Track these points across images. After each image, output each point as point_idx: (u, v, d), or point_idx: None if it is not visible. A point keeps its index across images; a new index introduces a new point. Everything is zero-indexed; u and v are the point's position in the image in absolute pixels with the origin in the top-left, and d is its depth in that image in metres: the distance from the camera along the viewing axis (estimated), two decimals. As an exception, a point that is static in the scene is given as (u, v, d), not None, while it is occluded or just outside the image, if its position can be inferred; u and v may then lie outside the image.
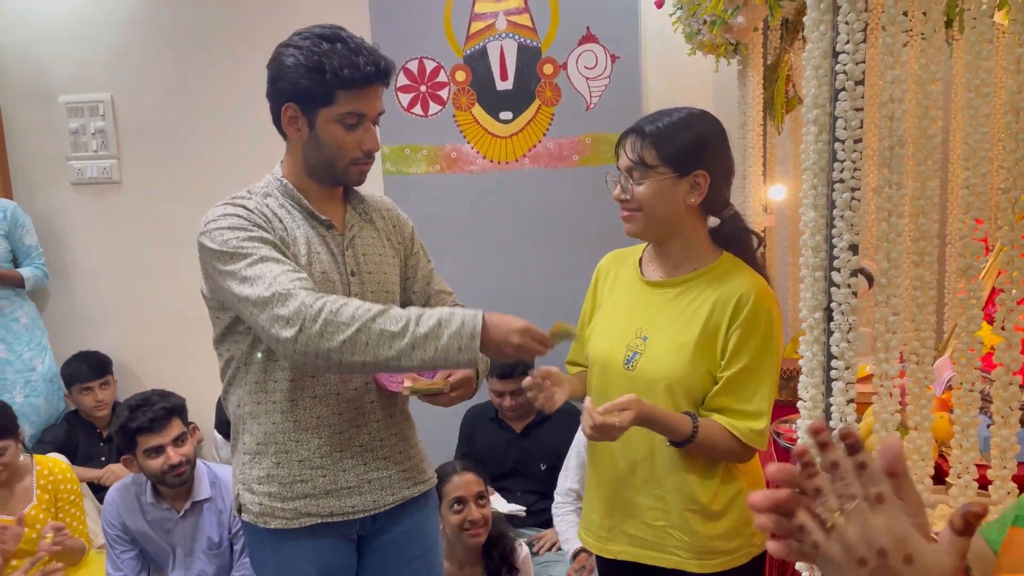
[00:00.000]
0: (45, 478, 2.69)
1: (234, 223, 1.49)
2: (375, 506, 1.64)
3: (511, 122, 3.19)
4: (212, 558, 2.48)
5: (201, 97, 3.40)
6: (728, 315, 1.49)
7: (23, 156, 3.52)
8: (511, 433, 2.98)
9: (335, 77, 1.46)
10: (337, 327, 1.35)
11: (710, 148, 1.53)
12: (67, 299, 3.61)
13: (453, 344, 1.34)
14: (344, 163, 1.55)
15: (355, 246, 1.62)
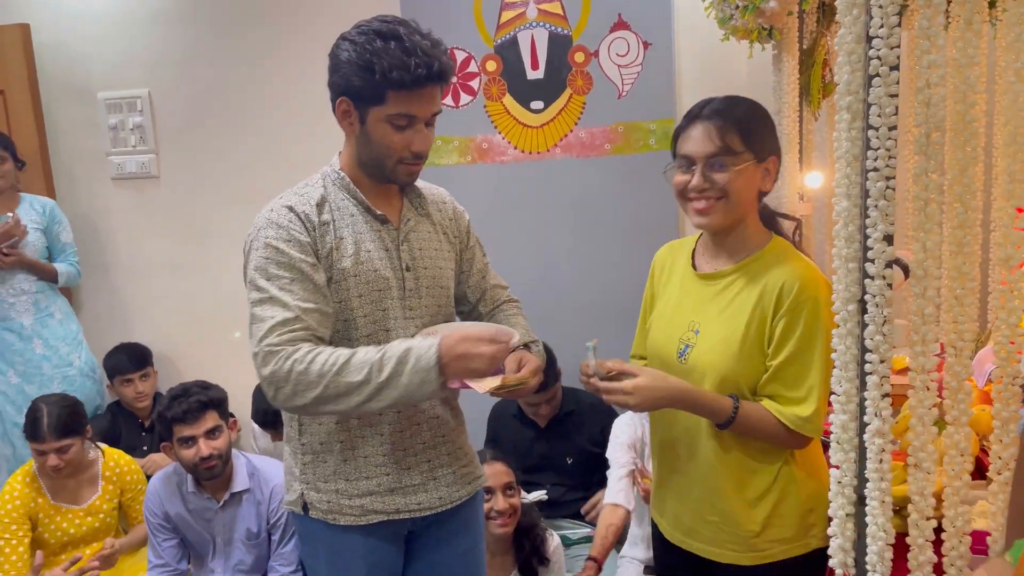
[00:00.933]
0: (111, 469, 2.77)
1: (270, 238, 1.50)
2: (440, 503, 1.66)
3: (542, 111, 3.17)
4: (250, 548, 2.52)
5: (237, 92, 3.43)
6: (773, 304, 1.49)
7: (65, 153, 3.60)
8: (535, 429, 2.98)
9: (384, 78, 1.44)
10: (307, 386, 1.41)
11: (775, 132, 1.57)
12: (108, 292, 3.68)
13: (415, 380, 1.39)
14: (392, 163, 1.54)
15: (410, 240, 1.62)
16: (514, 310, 1.79)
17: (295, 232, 1.51)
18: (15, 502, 2.61)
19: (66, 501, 2.69)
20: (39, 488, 2.66)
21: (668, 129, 3.08)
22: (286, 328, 1.45)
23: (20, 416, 3.15)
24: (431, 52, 1.46)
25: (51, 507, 2.66)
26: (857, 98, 1.14)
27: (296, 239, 1.51)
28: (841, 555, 1.25)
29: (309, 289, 1.50)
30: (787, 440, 1.51)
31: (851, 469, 1.23)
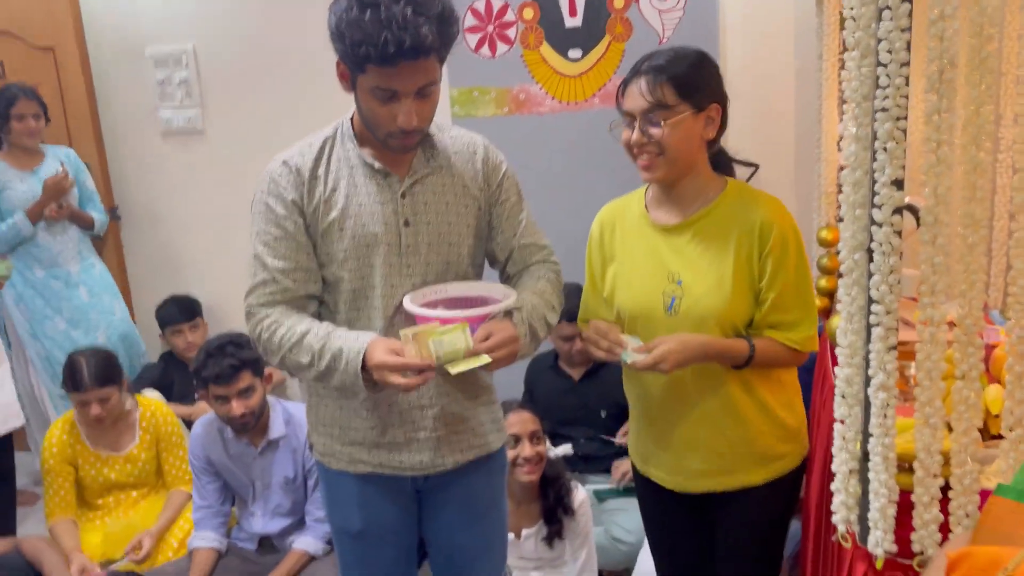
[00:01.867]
0: (148, 419, 2.87)
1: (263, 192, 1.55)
2: (422, 466, 1.63)
3: (580, 60, 3.10)
4: (288, 492, 2.60)
5: (281, 44, 3.44)
6: (756, 244, 1.56)
7: (114, 109, 3.68)
8: (569, 381, 2.97)
9: (354, 51, 1.36)
10: (271, 352, 1.53)
11: (716, 79, 1.57)
12: (157, 245, 3.79)
13: (346, 380, 1.46)
14: (381, 133, 1.47)
15: (415, 194, 1.55)
16: (541, 272, 1.66)
17: (283, 188, 1.52)
18: (53, 450, 2.73)
19: (105, 448, 2.80)
20: (78, 436, 2.77)
21: (710, 76, 2.98)
22: (264, 289, 1.53)
23: None
24: (408, 23, 1.32)
25: (91, 454, 2.78)
26: (867, 33, 1.07)
27: (282, 196, 1.52)
28: (844, 512, 1.22)
29: (291, 247, 1.52)
30: (793, 360, 1.63)
31: (855, 423, 1.19)
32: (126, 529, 2.75)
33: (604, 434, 2.93)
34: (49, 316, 3.35)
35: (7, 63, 3.59)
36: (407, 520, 1.72)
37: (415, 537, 1.77)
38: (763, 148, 3.00)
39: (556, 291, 1.65)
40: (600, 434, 2.93)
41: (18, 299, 3.31)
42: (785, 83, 2.96)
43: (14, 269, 3.29)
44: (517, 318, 1.52)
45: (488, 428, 1.71)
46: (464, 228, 1.60)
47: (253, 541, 2.67)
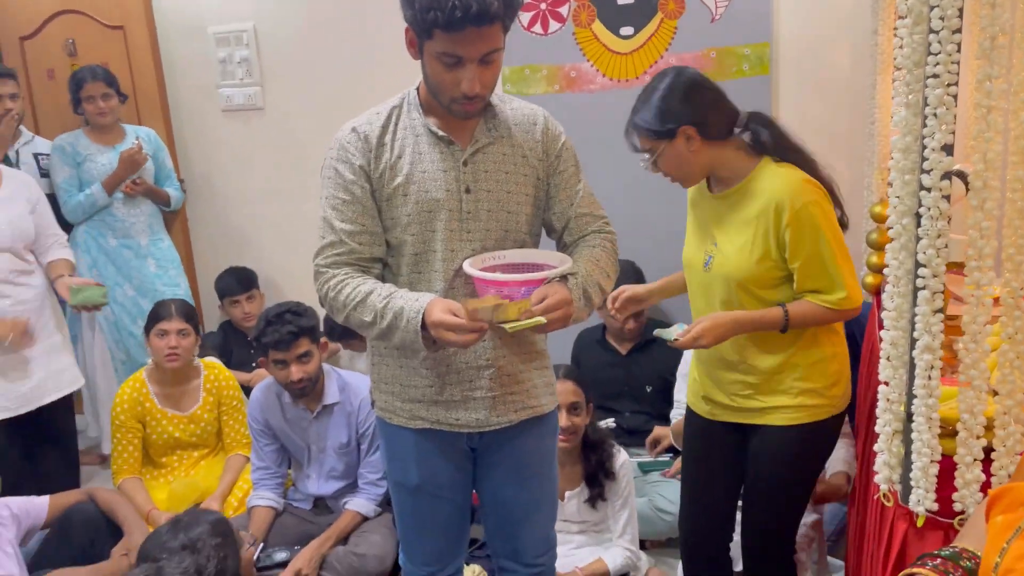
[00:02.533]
0: (211, 382, 3.01)
1: (332, 158, 1.62)
2: (478, 424, 1.69)
3: (632, 37, 3.11)
4: (341, 456, 2.70)
5: (336, 25, 3.52)
6: (772, 221, 1.73)
7: (179, 86, 3.81)
8: (616, 355, 3.01)
9: (423, 16, 1.41)
10: (337, 311, 1.61)
11: (675, 106, 1.76)
12: (217, 218, 3.92)
13: (406, 338, 1.53)
14: (445, 99, 1.52)
15: (476, 162, 1.60)
16: (596, 242, 1.70)
17: (351, 154, 1.59)
18: (124, 406, 2.89)
19: (171, 407, 2.94)
20: (147, 394, 2.92)
21: (763, 54, 2.98)
22: (332, 251, 1.61)
23: (135, 326, 3.50)
24: None
25: (158, 411, 2.92)
26: (920, 1, 1.09)
27: (350, 161, 1.59)
28: (887, 471, 1.25)
29: (358, 211, 1.59)
30: (837, 317, 1.77)
31: (900, 386, 1.22)
32: (189, 488, 2.90)
33: (650, 409, 2.97)
34: (119, 283, 3.51)
35: (79, 42, 3.74)
36: (462, 477, 1.78)
37: (469, 494, 1.84)
38: (816, 123, 3.00)
39: (611, 259, 1.70)
40: (646, 409, 2.97)
41: (92, 265, 3.49)
42: (839, 58, 2.94)
43: (90, 237, 3.47)
44: (572, 283, 1.56)
45: (541, 391, 1.76)
46: (522, 197, 1.65)
47: (308, 502, 2.78)
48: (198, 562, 1.86)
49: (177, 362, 2.87)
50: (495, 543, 1.91)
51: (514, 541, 1.86)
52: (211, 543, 1.99)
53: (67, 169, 3.42)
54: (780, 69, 3.00)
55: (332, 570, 2.52)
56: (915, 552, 1.19)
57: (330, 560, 2.53)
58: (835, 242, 1.72)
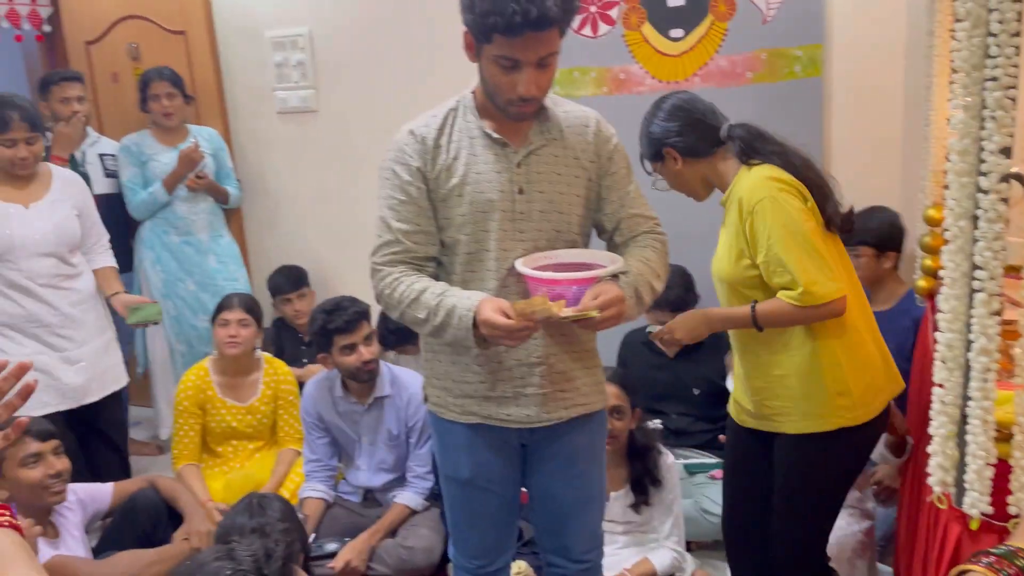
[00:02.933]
0: (271, 376, 3.11)
1: (390, 160, 1.68)
2: (528, 420, 1.72)
3: (682, 39, 3.12)
4: (391, 448, 2.76)
5: (392, 28, 3.57)
6: (738, 218, 1.82)
7: (236, 89, 3.91)
8: (663, 357, 3.00)
9: (483, 20, 1.46)
10: (391, 307, 1.68)
11: (656, 131, 1.94)
12: (272, 218, 4.02)
13: (458, 335, 1.58)
14: (501, 101, 1.57)
15: (529, 164, 1.64)
16: (647, 242, 1.73)
17: (409, 156, 1.65)
18: (188, 391, 3.01)
19: (231, 397, 3.04)
20: (210, 383, 3.02)
21: (815, 55, 2.96)
22: (388, 249, 1.67)
23: (196, 319, 3.62)
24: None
25: (218, 400, 3.02)
26: (978, 4, 1.10)
27: (408, 163, 1.65)
28: (940, 474, 1.25)
29: (413, 211, 1.65)
30: (802, 316, 1.78)
31: (955, 388, 1.22)
32: (245, 479, 2.98)
33: (696, 412, 2.96)
34: (181, 278, 3.64)
35: (142, 46, 3.87)
36: (511, 472, 1.82)
37: (518, 489, 1.87)
38: (868, 125, 2.97)
39: (662, 260, 1.72)
40: (693, 411, 2.97)
41: (155, 261, 3.62)
42: (893, 59, 2.90)
43: (153, 234, 3.59)
44: (623, 281, 1.60)
45: (591, 389, 1.79)
46: (574, 198, 1.69)
47: (358, 494, 2.84)
48: (267, 545, 1.91)
49: (236, 349, 2.98)
50: (543, 539, 1.94)
51: (563, 537, 1.89)
52: (279, 527, 2.06)
53: (132, 168, 3.55)
54: (833, 71, 2.97)
55: (381, 562, 2.58)
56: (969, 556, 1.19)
57: (379, 552, 2.59)
58: (790, 237, 1.74)
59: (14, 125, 2.59)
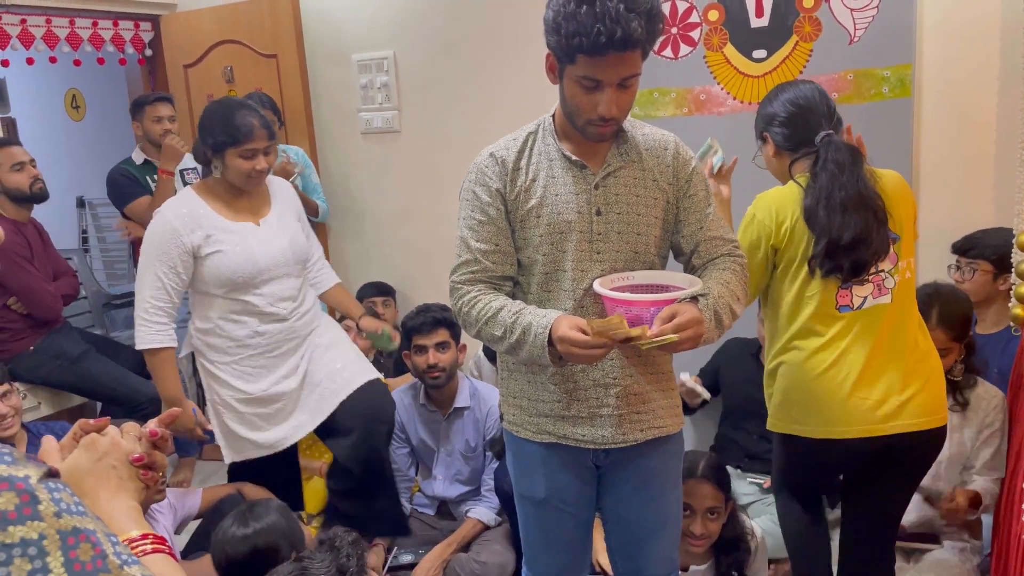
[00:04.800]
0: None
1: (471, 181, 1.73)
2: (603, 440, 1.72)
3: (765, 60, 3.09)
4: (468, 460, 2.80)
5: (472, 51, 3.66)
6: None
7: (324, 109, 4.06)
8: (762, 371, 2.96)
9: (568, 42, 1.49)
10: (469, 325, 1.71)
11: (764, 113, 2.08)
12: (354, 233, 4.14)
13: (534, 352, 1.60)
14: (581, 121, 1.60)
15: (607, 186, 1.66)
16: (726, 265, 1.71)
17: (489, 178, 1.69)
18: None
19: None
20: None
21: (904, 75, 2.89)
22: (467, 269, 1.71)
23: None
24: (620, 17, 1.44)
25: None
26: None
27: (488, 185, 1.69)
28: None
29: (492, 232, 1.68)
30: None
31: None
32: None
33: None
34: None
35: (236, 69, 4.06)
36: (586, 493, 1.82)
37: (592, 510, 1.87)
38: (960, 147, 2.88)
39: (741, 282, 1.70)
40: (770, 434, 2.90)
41: None
42: (987, 83, 2.81)
43: None
44: (702, 303, 1.58)
45: (667, 412, 1.78)
46: (652, 219, 1.69)
47: (432, 507, 2.89)
48: (339, 561, 1.96)
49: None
50: (617, 561, 1.93)
51: (637, 560, 1.88)
52: (348, 539, 2.11)
53: None
54: (923, 91, 2.90)
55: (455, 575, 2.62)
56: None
57: (452, 566, 2.63)
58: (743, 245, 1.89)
59: (256, 134, 2.35)
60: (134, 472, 0.99)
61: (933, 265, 2.78)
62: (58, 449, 1.01)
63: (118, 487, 0.97)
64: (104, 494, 0.95)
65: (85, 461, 0.97)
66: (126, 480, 0.98)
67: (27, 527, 0.65)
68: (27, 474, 0.67)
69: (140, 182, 3.55)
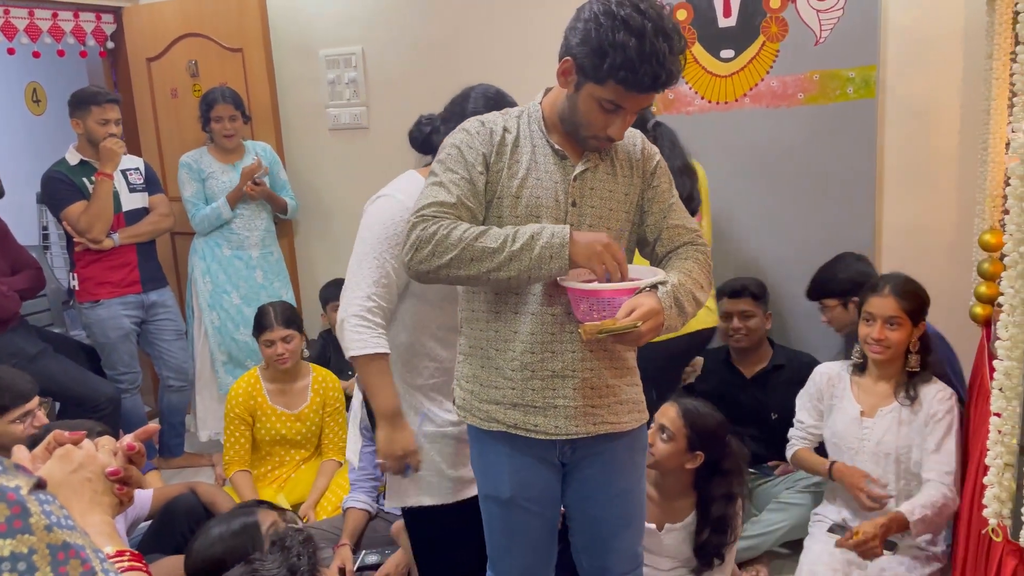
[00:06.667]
0: (319, 383, 3.15)
1: (456, 140, 1.67)
2: (556, 432, 1.70)
3: (732, 60, 3.11)
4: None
5: (442, 48, 3.63)
6: None
7: (291, 105, 4.01)
8: (741, 378, 2.97)
9: (611, 71, 1.49)
10: (446, 248, 1.56)
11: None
12: (322, 231, 4.10)
13: (545, 253, 1.53)
14: (586, 134, 1.62)
15: (584, 179, 1.67)
16: (688, 254, 1.73)
17: (477, 141, 1.66)
18: (239, 398, 3.07)
19: (280, 405, 3.09)
20: (260, 390, 3.08)
21: (869, 76, 2.92)
22: (443, 208, 1.60)
23: (237, 332, 3.71)
24: (665, 61, 1.47)
25: (268, 407, 3.08)
26: (1042, 27, 1.08)
27: (474, 146, 1.65)
28: (996, 505, 1.22)
29: (471, 192, 1.64)
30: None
31: (1013, 418, 1.19)
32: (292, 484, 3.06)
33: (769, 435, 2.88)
34: (227, 291, 3.73)
35: (201, 62, 3.98)
36: (552, 491, 1.80)
37: (558, 509, 1.85)
38: (923, 147, 2.92)
39: (704, 271, 1.71)
40: (765, 435, 2.90)
41: (205, 272, 3.72)
42: (950, 84, 2.85)
43: (207, 246, 3.70)
44: (661, 291, 1.59)
45: (625, 408, 1.76)
46: (622, 214, 1.72)
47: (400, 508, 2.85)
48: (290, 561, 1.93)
49: (287, 363, 3.03)
50: (583, 559, 1.92)
51: (603, 558, 1.87)
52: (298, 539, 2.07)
53: (194, 184, 3.66)
54: (887, 92, 2.94)
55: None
56: (1026, 591, 1.16)
57: (419, 566, 2.59)
58: None
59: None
60: (109, 486, 0.96)
61: (898, 264, 2.81)
62: (30, 459, 0.97)
63: (92, 501, 0.94)
64: (77, 508, 0.91)
65: (59, 473, 0.94)
66: (100, 494, 0.95)
67: (17, 541, 0.61)
68: (18, 484, 0.63)
69: (76, 185, 3.38)
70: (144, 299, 3.55)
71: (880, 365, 2.33)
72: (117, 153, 3.36)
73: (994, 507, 1.21)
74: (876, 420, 2.31)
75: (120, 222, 3.48)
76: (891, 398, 2.31)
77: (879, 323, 2.26)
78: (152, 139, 4.16)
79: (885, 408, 2.31)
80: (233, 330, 3.73)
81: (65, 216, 3.38)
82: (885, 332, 2.25)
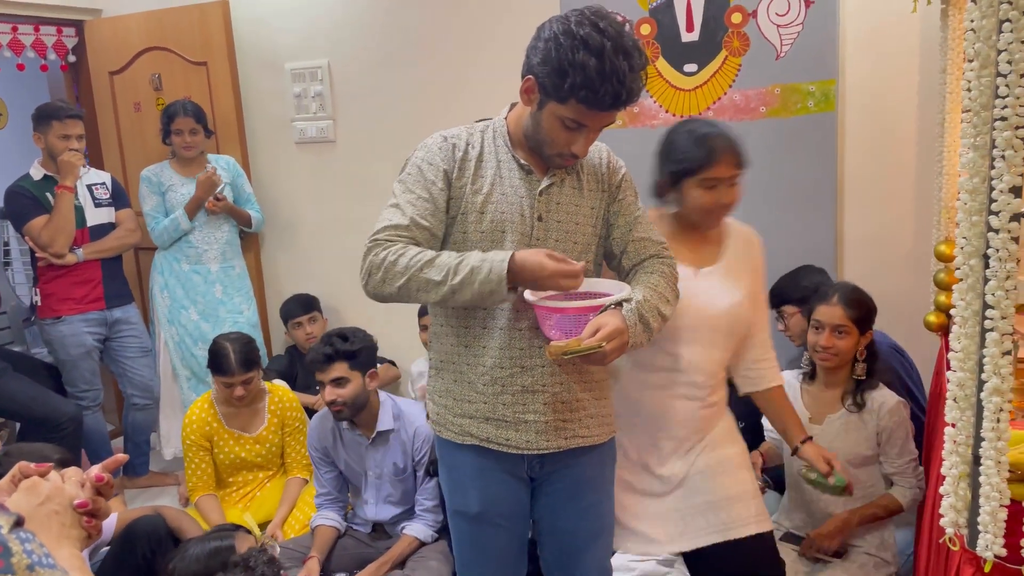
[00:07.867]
0: (276, 404, 3.10)
1: (416, 158, 1.67)
2: (528, 446, 1.71)
3: (696, 74, 3.14)
4: (398, 482, 2.74)
5: (409, 62, 3.63)
6: None
7: (256, 118, 3.98)
8: None
9: (571, 91, 1.50)
10: (395, 276, 1.56)
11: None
12: (288, 245, 4.06)
13: (485, 288, 1.52)
14: (550, 152, 1.63)
15: (550, 194, 1.67)
16: (654, 267, 1.72)
17: (438, 158, 1.66)
18: (193, 426, 3.00)
19: (238, 428, 3.04)
20: (215, 415, 3.02)
21: (828, 91, 2.97)
22: (396, 231, 1.60)
23: (196, 348, 3.66)
24: (625, 79, 1.48)
25: (225, 431, 3.02)
26: (988, 45, 1.10)
27: (436, 164, 1.65)
28: (953, 515, 1.23)
29: (430, 210, 1.63)
30: None
31: (967, 428, 1.21)
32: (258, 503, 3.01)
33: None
34: (185, 306, 3.68)
35: (164, 76, 3.94)
36: (521, 505, 1.80)
37: (527, 524, 1.85)
38: (882, 160, 2.97)
39: (670, 284, 1.71)
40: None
41: (163, 287, 3.67)
42: (907, 98, 2.91)
43: (166, 261, 3.64)
44: (626, 308, 1.59)
45: (595, 422, 1.77)
46: (589, 228, 1.72)
47: (367, 526, 2.83)
48: None
49: (244, 402, 2.99)
50: (553, 573, 1.92)
51: (572, 571, 1.86)
52: (262, 559, 2.06)
53: (154, 198, 3.61)
54: (847, 106, 2.99)
55: (389, 594, 2.56)
56: (982, 599, 1.17)
57: (387, 584, 2.57)
58: None
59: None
60: (77, 519, 0.94)
61: (858, 274, 2.85)
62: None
63: (59, 534, 0.91)
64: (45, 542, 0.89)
65: (25, 506, 0.91)
66: (68, 527, 0.92)
67: None
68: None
69: (39, 200, 3.33)
70: (107, 316, 3.50)
71: (828, 372, 2.36)
72: (76, 165, 3.31)
73: (951, 516, 1.23)
74: (824, 427, 2.34)
75: (85, 237, 3.43)
76: (838, 405, 2.34)
77: (827, 331, 2.29)
78: (115, 153, 4.11)
79: (833, 415, 2.34)
80: (192, 346, 3.68)
81: (27, 231, 3.33)
82: (833, 340, 2.28)
